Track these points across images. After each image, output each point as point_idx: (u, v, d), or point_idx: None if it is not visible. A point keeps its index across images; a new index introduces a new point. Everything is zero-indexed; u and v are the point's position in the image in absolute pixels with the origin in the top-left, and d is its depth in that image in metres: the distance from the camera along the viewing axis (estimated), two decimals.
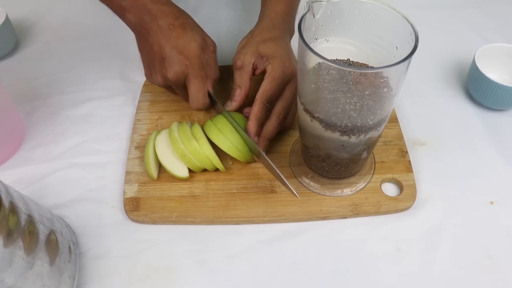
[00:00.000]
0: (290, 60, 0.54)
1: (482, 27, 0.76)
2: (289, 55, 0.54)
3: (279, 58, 0.53)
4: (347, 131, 0.43)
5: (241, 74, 0.54)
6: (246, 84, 0.54)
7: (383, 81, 0.39)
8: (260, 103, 0.52)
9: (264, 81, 0.52)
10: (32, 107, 0.64)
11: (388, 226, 0.51)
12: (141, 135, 0.59)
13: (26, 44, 0.75)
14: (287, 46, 0.55)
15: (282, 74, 0.52)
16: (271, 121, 0.53)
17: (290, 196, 0.52)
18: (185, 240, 0.50)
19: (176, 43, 0.51)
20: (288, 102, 0.54)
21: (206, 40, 0.55)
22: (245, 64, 0.54)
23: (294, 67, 0.54)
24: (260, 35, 0.55)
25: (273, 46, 0.54)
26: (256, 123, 0.52)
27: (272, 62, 0.53)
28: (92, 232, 0.51)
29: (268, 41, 0.54)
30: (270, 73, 0.52)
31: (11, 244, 0.36)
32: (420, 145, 0.59)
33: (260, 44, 0.54)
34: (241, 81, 0.54)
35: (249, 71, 0.54)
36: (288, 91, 0.54)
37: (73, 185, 0.55)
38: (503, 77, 0.63)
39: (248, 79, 0.54)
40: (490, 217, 0.52)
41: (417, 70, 0.66)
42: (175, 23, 0.52)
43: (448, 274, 0.47)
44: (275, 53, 0.53)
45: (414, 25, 0.39)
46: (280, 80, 0.52)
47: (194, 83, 0.53)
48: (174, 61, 0.52)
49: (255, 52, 0.53)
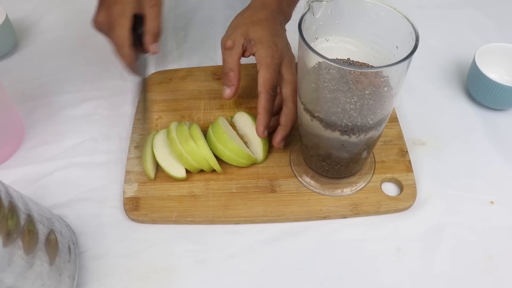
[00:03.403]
0: (277, 43, 0.52)
1: (482, 27, 0.76)
2: (275, 37, 0.53)
3: (266, 43, 0.52)
4: (347, 131, 0.43)
5: (231, 55, 0.53)
6: (237, 66, 0.53)
7: (383, 81, 0.39)
8: (265, 94, 0.51)
9: (260, 71, 0.51)
10: (32, 107, 0.64)
11: (388, 225, 0.51)
12: (141, 135, 0.59)
13: (26, 44, 0.75)
14: (275, 28, 0.54)
15: (273, 59, 0.51)
16: (288, 107, 0.52)
17: (290, 195, 0.52)
18: (185, 240, 0.50)
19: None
20: (294, 84, 0.53)
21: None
22: (236, 45, 0.52)
23: (282, 48, 0.52)
24: (250, 16, 0.54)
25: (261, 29, 0.52)
26: (267, 115, 0.51)
27: (259, 48, 0.52)
28: (92, 231, 0.51)
29: (256, 24, 0.53)
30: (262, 61, 0.51)
31: (11, 244, 0.36)
32: (420, 144, 0.59)
33: (250, 26, 0.53)
34: (232, 63, 0.53)
35: (239, 52, 0.53)
36: (287, 73, 0.53)
37: (72, 185, 0.55)
38: (503, 77, 0.63)
39: (238, 60, 0.53)
40: (491, 217, 0.51)
41: (417, 70, 0.66)
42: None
43: (448, 274, 0.47)
44: (262, 37, 0.52)
45: (414, 24, 0.39)
46: (274, 66, 0.51)
47: (114, 30, 0.51)
48: (101, 8, 0.53)
49: (244, 33, 0.52)
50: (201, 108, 0.62)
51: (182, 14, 0.80)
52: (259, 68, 0.52)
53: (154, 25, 0.55)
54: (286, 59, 0.53)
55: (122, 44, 0.53)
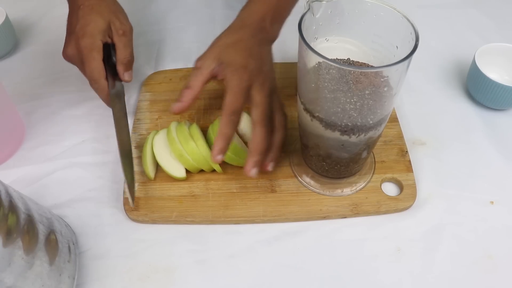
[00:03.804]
0: (247, 65, 0.49)
1: (482, 27, 0.76)
2: (247, 59, 0.50)
3: (234, 66, 0.49)
4: (347, 131, 0.43)
5: (196, 75, 0.51)
6: (198, 86, 0.51)
7: (383, 81, 0.39)
8: (224, 117, 0.48)
9: (225, 94, 0.49)
10: (32, 107, 0.64)
11: (388, 225, 0.51)
12: (141, 135, 0.59)
13: (26, 44, 0.75)
14: (250, 49, 0.51)
15: (240, 82, 0.48)
16: (255, 132, 0.48)
17: (290, 195, 0.52)
18: (185, 240, 0.50)
19: (78, 23, 0.55)
20: (262, 107, 0.49)
21: (115, 24, 0.57)
22: (204, 67, 0.51)
23: (253, 70, 0.49)
24: (225, 38, 0.52)
25: (233, 52, 0.50)
26: (222, 140, 0.47)
27: (227, 72, 0.50)
28: (92, 231, 0.51)
29: (230, 47, 0.51)
30: (227, 85, 0.49)
31: (11, 244, 0.36)
32: (420, 144, 0.59)
33: (223, 49, 0.51)
34: (194, 82, 0.51)
35: (205, 74, 0.51)
36: (256, 95, 0.49)
37: (72, 185, 0.55)
38: (503, 77, 0.63)
39: (201, 82, 0.51)
40: (490, 217, 0.51)
41: (417, 70, 0.66)
42: (86, 3, 0.56)
43: (448, 274, 0.47)
44: (232, 61, 0.50)
45: (414, 24, 0.39)
46: (240, 90, 0.48)
47: (87, 64, 0.54)
48: (69, 40, 0.56)
49: (216, 57, 0.51)
50: (201, 108, 0.62)
51: (182, 14, 0.80)
52: (225, 90, 0.49)
53: (125, 55, 0.58)
54: (258, 81, 0.49)
55: (97, 77, 0.55)
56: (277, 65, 0.67)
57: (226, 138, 0.48)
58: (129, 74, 0.59)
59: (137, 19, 0.79)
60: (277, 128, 0.51)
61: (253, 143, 0.48)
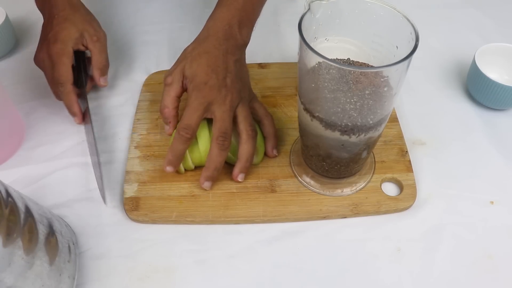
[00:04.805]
0: (208, 81, 0.50)
1: (482, 27, 0.76)
2: (209, 74, 0.50)
3: (194, 82, 0.50)
4: (347, 131, 0.43)
5: (168, 92, 0.52)
6: (173, 102, 0.52)
7: (383, 81, 0.39)
8: (176, 133, 0.49)
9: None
10: (32, 107, 0.64)
11: (388, 226, 0.51)
12: (141, 135, 0.59)
13: (26, 44, 0.75)
14: (215, 60, 0.51)
15: (196, 99, 0.49)
16: (210, 148, 0.50)
17: (290, 195, 0.52)
18: (185, 240, 0.50)
19: (52, 30, 0.58)
20: (220, 123, 0.49)
21: (89, 31, 0.59)
22: (174, 82, 0.51)
23: (213, 86, 0.50)
24: (192, 50, 0.52)
25: (196, 66, 0.50)
26: (171, 152, 0.50)
27: (189, 87, 0.50)
28: (92, 231, 0.51)
29: (194, 59, 0.51)
30: (188, 101, 0.50)
31: (11, 244, 0.36)
32: (420, 144, 0.59)
33: (188, 62, 0.51)
34: (167, 100, 0.52)
35: (176, 89, 0.51)
36: (217, 111, 0.49)
37: (72, 185, 0.55)
38: (503, 77, 0.63)
39: (174, 97, 0.52)
40: (490, 217, 0.51)
41: (417, 70, 0.66)
42: (60, 13, 0.59)
43: (448, 274, 0.47)
44: (194, 76, 0.50)
45: (414, 24, 0.39)
46: (195, 105, 0.49)
47: (55, 69, 0.56)
48: (41, 47, 0.59)
49: (182, 70, 0.51)
50: None
51: (182, 14, 0.80)
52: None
53: (100, 60, 0.60)
54: (219, 96, 0.50)
55: (64, 81, 0.57)
56: (277, 65, 0.68)
57: (176, 154, 0.50)
58: (105, 79, 0.62)
59: (137, 19, 0.79)
60: (244, 140, 0.51)
61: (207, 160, 0.50)
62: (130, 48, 0.68)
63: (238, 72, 0.53)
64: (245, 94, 0.53)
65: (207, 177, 0.51)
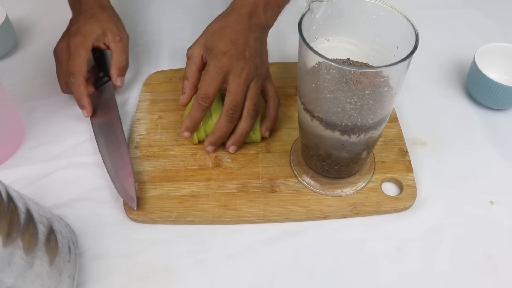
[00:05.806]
0: (227, 51, 0.51)
1: (482, 27, 0.76)
2: (229, 45, 0.51)
3: (214, 53, 0.51)
4: (347, 131, 0.43)
5: (189, 64, 0.54)
6: (193, 75, 0.53)
7: (383, 81, 0.39)
8: (195, 100, 0.52)
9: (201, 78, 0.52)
10: (32, 107, 0.64)
11: (388, 225, 0.51)
12: (141, 135, 0.59)
13: (26, 44, 0.75)
14: (235, 34, 0.52)
15: (214, 68, 0.51)
16: (219, 117, 0.53)
17: (290, 195, 0.52)
18: (185, 240, 0.50)
19: (76, 24, 0.59)
20: (233, 96, 0.51)
21: (113, 30, 0.60)
22: (194, 55, 0.53)
23: (231, 56, 0.51)
24: (214, 24, 0.54)
25: (217, 38, 0.52)
26: (189, 119, 0.53)
27: (209, 58, 0.52)
28: (92, 231, 0.51)
29: (215, 32, 0.52)
30: (205, 71, 0.52)
31: (11, 244, 0.36)
32: (420, 144, 0.59)
33: (209, 35, 0.53)
34: (188, 72, 0.54)
35: (197, 62, 0.53)
36: (231, 83, 0.51)
37: (72, 185, 0.55)
38: (503, 77, 0.63)
39: (195, 70, 0.53)
40: (490, 217, 0.51)
41: (417, 70, 0.66)
42: (88, 11, 0.60)
43: (448, 274, 0.47)
44: (214, 47, 0.51)
45: (414, 24, 0.39)
46: (213, 75, 0.50)
47: (71, 59, 0.57)
48: (62, 38, 0.60)
49: (203, 44, 0.53)
50: None
51: (182, 14, 0.80)
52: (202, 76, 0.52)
53: (120, 59, 0.60)
54: (236, 67, 0.51)
55: (76, 72, 0.57)
56: (277, 65, 0.68)
57: (193, 120, 0.53)
58: (121, 79, 0.62)
59: (137, 19, 0.79)
60: (244, 117, 0.53)
61: (214, 127, 0.53)
62: (130, 48, 0.67)
63: (258, 49, 0.54)
64: (262, 71, 0.54)
65: (211, 142, 0.54)
